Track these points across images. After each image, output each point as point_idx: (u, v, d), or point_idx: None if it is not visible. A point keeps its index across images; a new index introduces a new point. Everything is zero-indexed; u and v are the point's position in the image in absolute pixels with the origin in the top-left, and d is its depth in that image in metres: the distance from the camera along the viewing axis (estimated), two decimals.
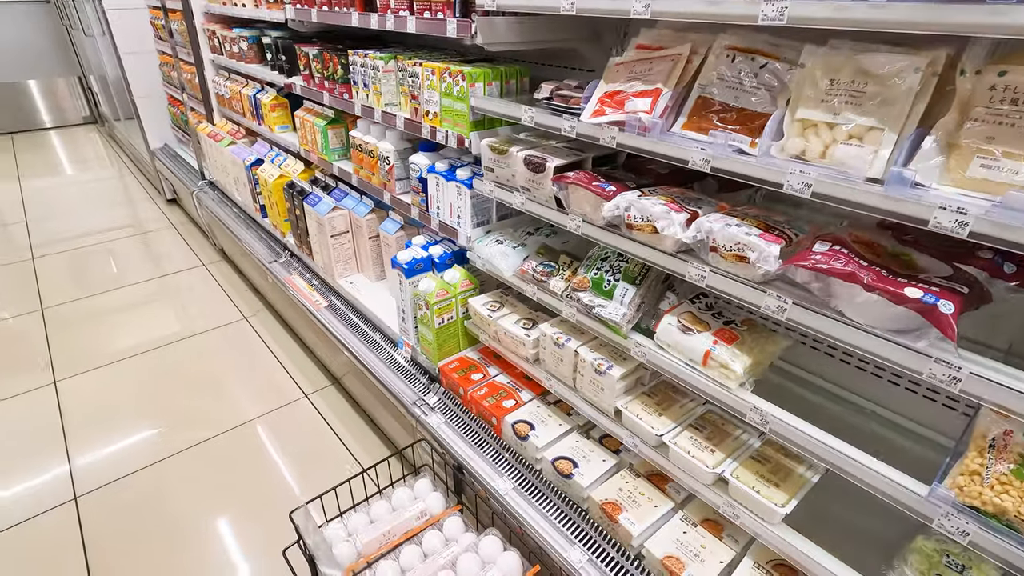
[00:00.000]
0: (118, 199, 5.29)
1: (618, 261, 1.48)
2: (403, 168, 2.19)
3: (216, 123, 3.81)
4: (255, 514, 2.14)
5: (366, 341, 2.32)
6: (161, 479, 2.30)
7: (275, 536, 2.01)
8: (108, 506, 2.18)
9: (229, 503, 2.19)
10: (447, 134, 1.79)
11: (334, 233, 2.49)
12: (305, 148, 2.75)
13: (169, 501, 2.20)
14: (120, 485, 2.27)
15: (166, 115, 4.92)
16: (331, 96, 2.37)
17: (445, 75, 1.74)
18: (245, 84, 3.35)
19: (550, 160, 1.47)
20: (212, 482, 2.28)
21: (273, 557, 1.93)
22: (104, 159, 6.47)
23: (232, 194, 3.62)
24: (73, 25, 6.16)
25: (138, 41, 4.54)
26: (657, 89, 1.25)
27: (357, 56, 2.11)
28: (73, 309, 3.50)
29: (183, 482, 2.28)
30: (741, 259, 1.13)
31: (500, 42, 1.66)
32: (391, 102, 2.08)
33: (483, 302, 1.90)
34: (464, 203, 1.85)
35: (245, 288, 3.73)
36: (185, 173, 4.38)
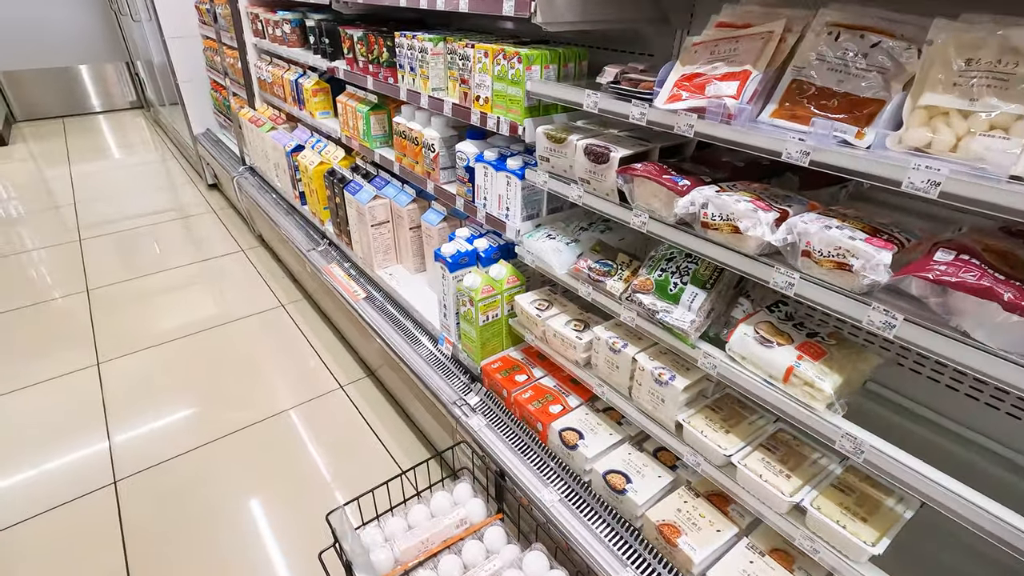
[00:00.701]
0: (161, 183, 5.35)
1: (686, 262, 1.35)
2: (449, 157, 2.08)
3: (257, 108, 3.77)
4: (290, 507, 2.09)
5: (405, 335, 2.24)
6: (198, 466, 2.27)
7: (309, 532, 1.95)
8: (146, 491, 2.16)
9: (264, 495, 2.14)
10: (499, 121, 1.67)
11: (374, 223, 2.41)
12: (346, 134, 2.67)
13: (205, 489, 2.17)
14: (158, 471, 2.25)
15: (209, 100, 4.92)
16: (375, 80, 2.28)
17: (499, 57, 1.62)
18: (287, 69, 3.29)
19: (614, 150, 1.34)
20: (247, 472, 2.24)
21: (306, 555, 1.87)
22: (149, 144, 6.56)
23: (272, 180, 3.58)
24: (121, 11, 6.24)
25: (183, 25, 4.54)
26: (745, 71, 1.10)
27: (404, 38, 2.00)
28: (117, 291, 3.53)
29: (219, 470, 2.25)
30: (841, 266, 0.98)
31: (560, 21, 1.53)
32: (439, 87, 1.97)
33: (531, 300, 1.79)
34: (514, 195, 1.74)
35: (283, 275, 3.71)
36: (226, 158, 4.37)
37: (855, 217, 1.04)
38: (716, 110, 1.11)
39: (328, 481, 2.21)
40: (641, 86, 1.29)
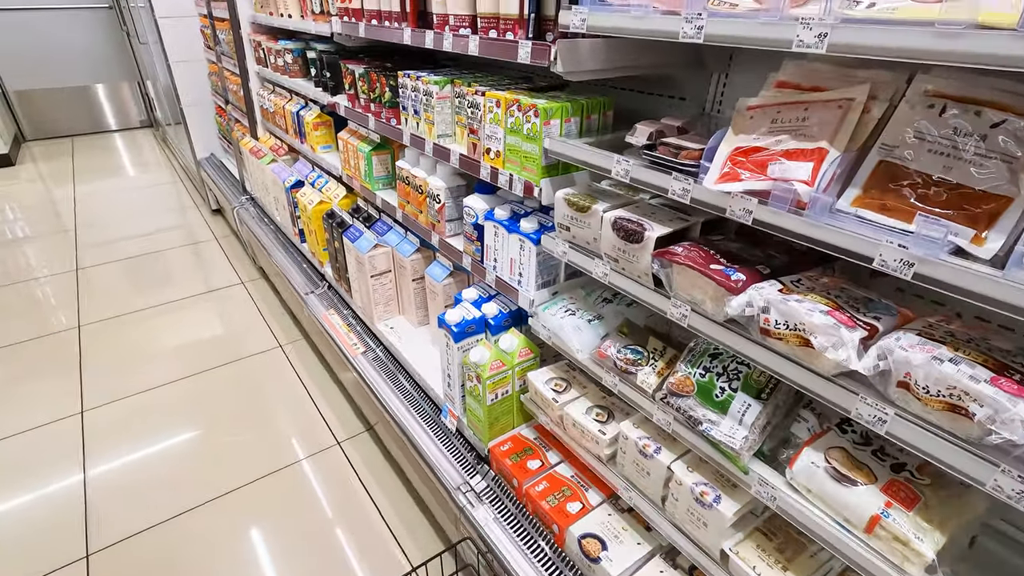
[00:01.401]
0: (165, 207, 5.20)
1: (735, 363, 1.12)
2: (455, 208, 1.88)
3: (260, 137, 3.60)
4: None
5: (406, 400, 2.02)
6: (177, 540, 2.05)
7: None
8: (120, 568, 1.95)
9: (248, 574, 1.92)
10: (511, 179, 1.46)
11: (375, 273, 2.20)
12: (348, 173, 2.47)
13: (182, 568, 1.95)
14: (134, 543, 2.04)
15: (213, 125, 4.78)
16: (377, 121, 2.08)
17: (513, 109, 1.41)
18: (289, 99, 3.11)
19: (649, 228, 1.12)
20: (231, 550, 2.03)
21: None
22: (156, 164, 6.44)
23: (272, 213, 3.40)
24: (132, 32, 6.16)
25: (188, 50, 4.41)
26: (820, 150, 0.88)
27: (408, 79, 1.81)
28: (109, 328, 3.35)
29: (198, 546, 2.03)
30: (955, 409, 0.75)
31: (583, 70, 1.32)
32: (445, 133, 1.77)
33: (545, 379, 1.57)
34: (528, 260, 1.52)
35: (282, 312, 3.51)
36: (228, 185, 4.21)
37: (969, 341, 0.81)
38: (783, 196, 0.88)
39: (322, 555, 1.98)
40: (682, 155, 1.07)
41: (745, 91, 1.48)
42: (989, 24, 0.66)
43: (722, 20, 0.91)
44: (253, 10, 3.27)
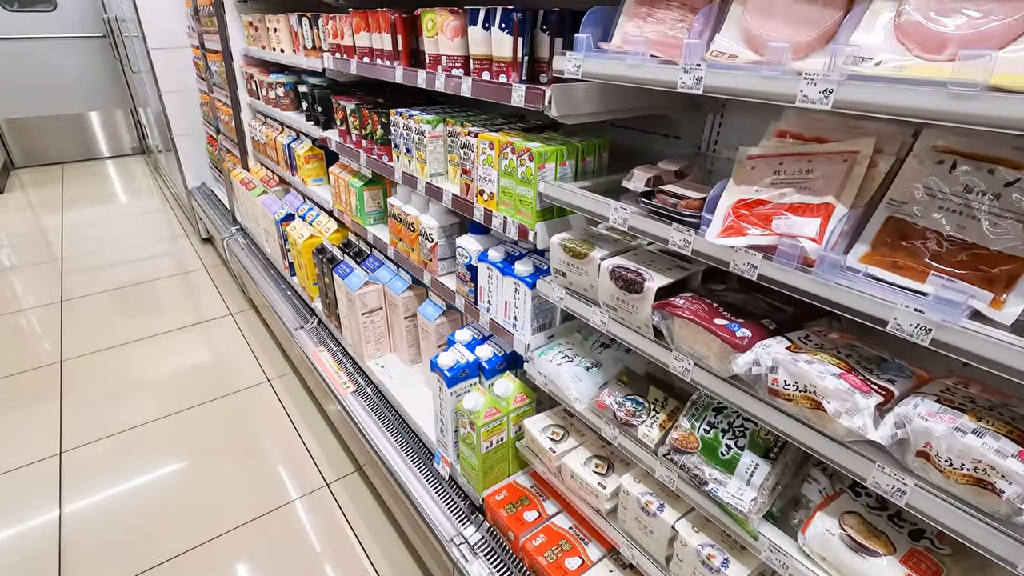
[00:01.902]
0: (154, 235, 5.13)
1: (740, 419, 1.07)
2: (448, 247, 1.83)
3: (251, 168, 3.57)
4: None
5: (396, 443, 1.95)
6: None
7: None
8: None
9: None
10: (506, 221, 1.42)
11: (365, 311, 2.15)
12: (339, 208, 2.43)
13: None
14: None
15: (205, 154, 4.75)
16: (368, 157, 2.05)
17: (507, 151, 1.38)
18: (280, 131, 3.09)
19: (649, 278, 1.08)
20: None
21: None
22: (146, 192, 6.39)
23: (262, 245, 3.35)
24: (125, 61, 6.16)
25: (180, 80, 4.40)
26: (827, 205, 0.85)
27: (400, 117, 1.78)
28: (93, 363, 3.25)
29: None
30: (981, 484, 0.71)
31: (578, 113, 1.29)
32: (438, 171, 1.74)
33: (542, 426, 1.51)
34: (523, 304, 1.47)
35: (272, 345, 3.43)
36: (219, 216, 4.16)
37: (991, 409, 0.76)
38: (790, 253, 0.85)
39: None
40: (682, 205, 1.04)
41: (741, 132, 1.47)
42: (1004, 87, 0.63)
43: (722, 72, 0.89)
44: (246, 43, 3.26)
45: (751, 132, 1.45)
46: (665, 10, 1.03)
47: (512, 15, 1.30)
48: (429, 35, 1.59)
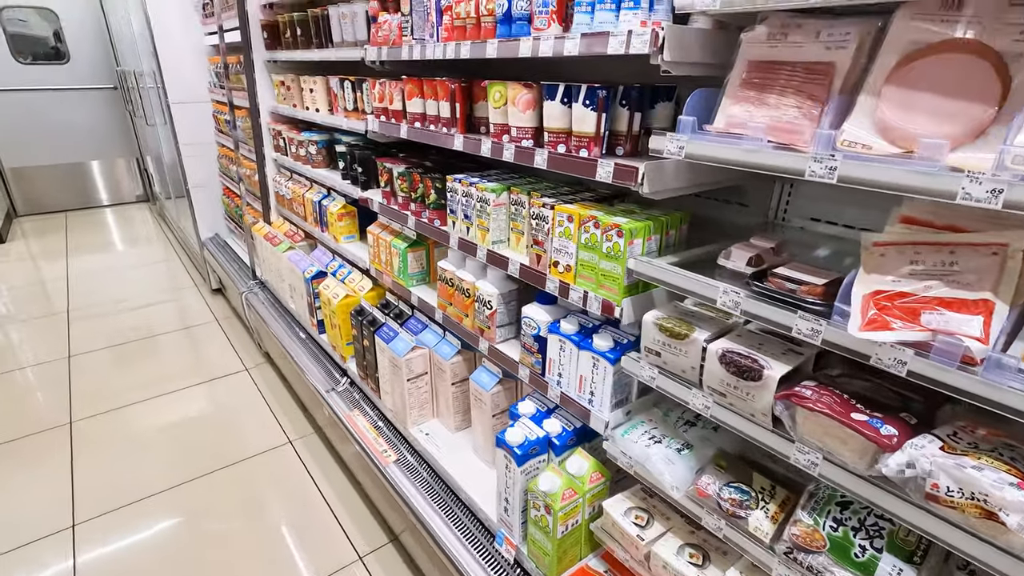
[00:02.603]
0: (163, 286, 5.02)
1: (872, 516, 1.00)
2: (507, 314, 1.78)
3: (273, 222, 3.53)
4: None
5: (449, 520, 1.83)
6: None
7: None
8: None
9: None
10: (586, 296, 1.38)
11: (411, 376, 2.07)
12: (377, 268, 2.38)
13: None
14: None
15: (219, 205, 4.71)
16: (418, 221, 2.01)
17: (588, 225, 1.34)
18: (309, 187, 3.06)
19: (768, 366, 1.03)
20: None
21: None
22: (152, 240, 6.31)
23: (285, 301, 3.27)
24: (136, 113, 6.18)
25: (198, 133, 4.40)
26: (985, 302, 0.81)
27: (459, 184, 1.75)
28: (104, 424, 3.10)
29: None
30: None
31: (665, 189, 1.27)
32: (499, 239, 1.70)
33: (624, 509, 1.42)
34: (602, 380, 1.41)
35: (291, 403, 3.31)
36: (235, 268, 4.09)
37: None
38: (951, 351, 0.80)
39: None
40: (802, 291, 1.00)
41: (812, 204, 1.45)
42: None
43: (860, 163, 0.86)
44: (275, 101, 3.27)
45: (824, 204, 1.43)
46: (779, 96, 1.01)
47: (597, 92, 1.29)
48: (495, 106, 1.58)
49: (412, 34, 1.89)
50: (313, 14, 2.54)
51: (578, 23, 1.30)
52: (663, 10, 1.21)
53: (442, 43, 1.72)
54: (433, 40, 1.79)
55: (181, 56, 4.16)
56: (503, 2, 1.47)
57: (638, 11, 1.18)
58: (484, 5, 1.54)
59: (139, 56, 4.99)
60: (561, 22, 1.38)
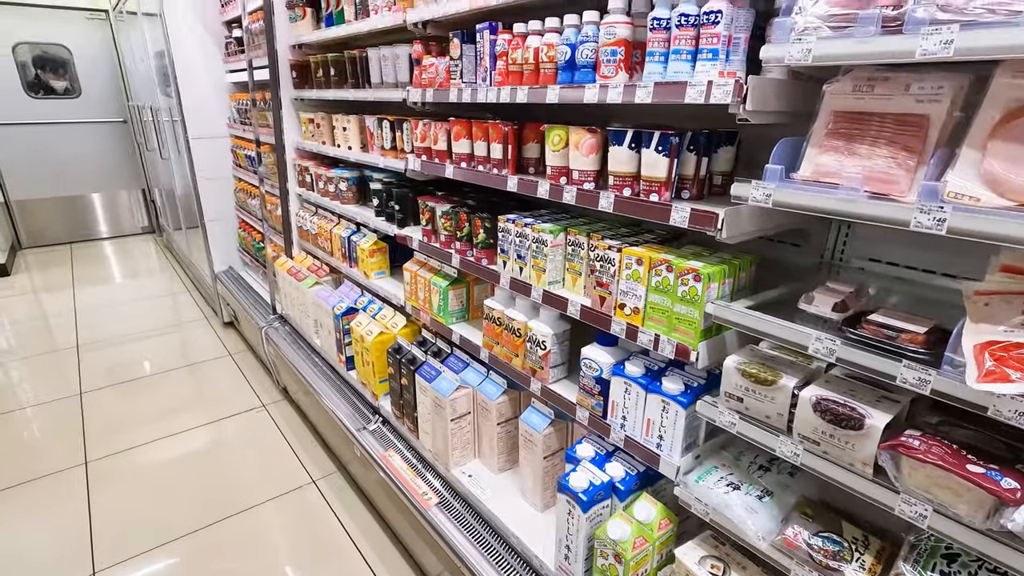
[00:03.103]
0: (173, 320, 4.96)
1: (984, 570, 0.98)
2: (560, 353, 1.76)
3: (295, 256, 3.51)
4: None
5: (500, 567, 1.77)
6: None
7: None
8: None
9: None
10: (657, 339, 1.37)
11: (455, 416, 2.03)
12: (413, 305, 2.36)
13: None
14: None
15: (234, 239, 4.69)
16: (463, 259, 2.01)
17: (661, 269, 1.34)
18: (336, 223, 3.06)
19: (868, 415, 1.02)
20: None
21: None
22: (159, 272, 6.25)
23: (309, 336, 3.23)
24: (148, 146, 6.20)
25: (215, 167, 4.42)
26: None
27: (512, 224, 1.75)
28: (118, 465, 3.01)
29: None
30: None
31: (740, 233, 1.28)
32: (555, 279, 1.69)
33: (698, 558, 1.38)
34: (673, 424, 1.39)
35: (312, 440, 3.23)
36: (251, 302, 4.04)
37: None
38: None
39: None
40: (903, 339, 0.99)
41: (871, 245, 1.46)
42: None
43: (971, 216, 0.87)
44: (301, 138, 3.29)
45: (885, 245, 1.44)
46: (871, 146, 1.03)
47: (670, 139, 1.30)
48: (554, 149, 1.59)
49: (461, 77, 1.91)
50: (350, 55, 2.57)
51: (649, 72, 1.32)
52: (738, 61, 1.24)
53: (496, 87, 1.75)
54: (486, 84, 1.81)
55: (201, 93, 4.21)
56: (565, 50, 1.50)
57: (716, 62, 1.20)
58: (545, 52, 1.56)
59: (155, 92, 5.04)
60: (628, 70, 1.40)
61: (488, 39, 1.76)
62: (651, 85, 1.29)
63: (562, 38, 1.52)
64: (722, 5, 1.17)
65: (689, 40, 1.24)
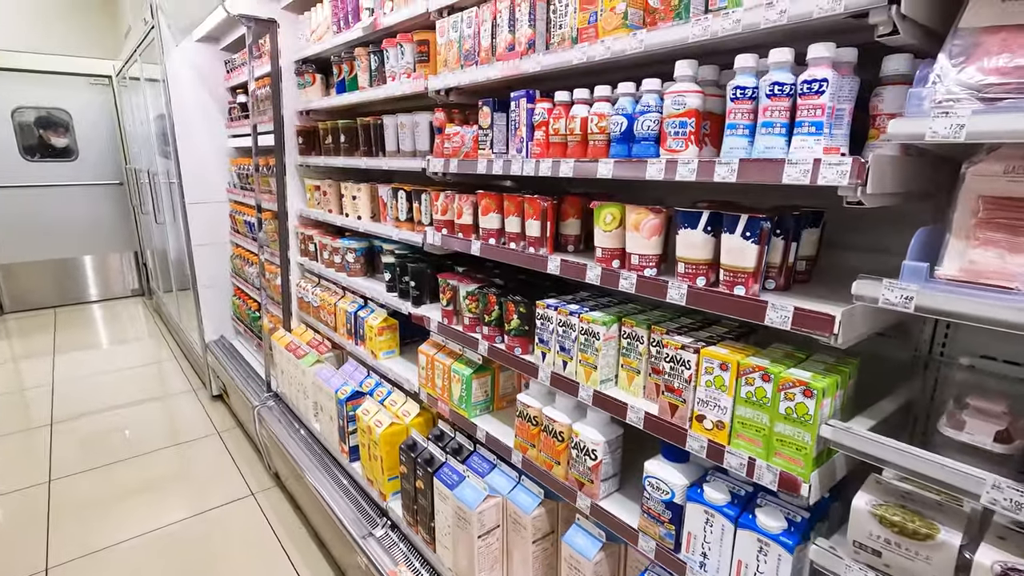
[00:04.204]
0: (157, 391, 4.60)
1: None
2: (612, 464, 1.48)
3: (294, 329, 3.24)
4: None
5: None
6: None
7: None
8: None
9: None
10: (753, 464, 1.10)
11: (482, 532, 1.71)
12: (430, 393, 2.08)
13: None
14: None
15: (228, 306, 4.43)
16: (491, 347, 1.76)
17: (754, 378, 1.09)
18: (341, 296, 2.81)
19: None
20: None
21: None
22: (147, 338, 5.92)
23: (307, 420, 2.91)
24: (143, 210, 6.02)
25: (212, 233, 4.21)
26: None
27: (553, 311, 1.51)
28: (81, 572, 2.60)
29: None
30: None
31: (855, 336, 1.04)
32: (607, 377, 1.44)
33: None
34: (775, 571, 1.10)
35: (306, 537, 2.85)
36: (243, 376, 3.73)
37: None
38: None
39: None
40: None
41: (979, 339, 1.24)
42: None
43: None
44: (305, 205, 3.10)
45: (998, 340, 1.21)
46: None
47: (760, 224, 1.09)
48: (606, 229, 1.38)
49: (491, 147, 1.73)
50: (363, 122, 2.41)
51: (730, 147, 1.13)
52: (841, 135, 1.05)
53: (533, 159, 1.55)
54: (521, 155, 1.62)
55: (201, 158, 4.05)
56: (621, 120, 1.32)
57: (820, 136, 1.01)
58: (595, 123, 1.38)
59: (154, 155, 4.90)
60: (699, 144, 1.21)
61: (524, 108, 1.58)
62: (735, 162, 1.09)
63: (615, 108, 1.34)
64: (827, 73, 0.99)
65: (783, 112, 1.05)
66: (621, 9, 1.29)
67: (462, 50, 1.80)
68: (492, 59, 1.69)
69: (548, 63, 1.49)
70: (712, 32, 1.12)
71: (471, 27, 1.75)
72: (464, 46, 1.79)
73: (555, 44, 1.51)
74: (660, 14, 1.23)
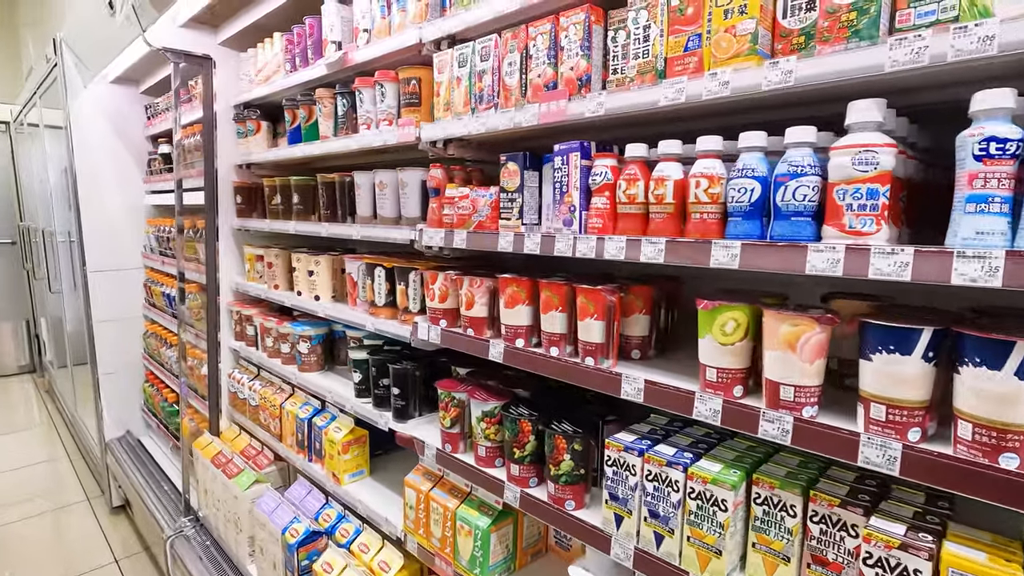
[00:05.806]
0: (44, 501, 3.57)
1: None
2: None
3: (223, 433, 2.51)
4: None
5: None
6: None
7: None
8: None
9: None
10: None
11: None
12: (423, 544, 1.48)
13: None
14: None
15: (138, 394, 3.57)
16: (526, 496, 1.21)
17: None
18: (289, 394, 2.17)
19: None
20: None
21: None
22: (36, 427, 4.79)
23: (239, 559, 2.17)
24: (36, 275, 5.03)
25: (120, 307, 3.41)
26: None
27: (637, 458, 1.00)
28: None
29: None
30: None
31: None
32: (733, 566, 0.93)
33: None
34: None
35: None
36: (153, 486, 2.90)
37: None
38: None
39: None
40: None
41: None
42: None
43: None
44: (243, 279, 2.47)
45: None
46: None
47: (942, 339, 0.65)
48: (723, 341, 0.91)
49: (521, 217, 1.24)
50: (326, 180, 1.87)
51: (975, 231, 0.70)
52: None
53: (591, 235, 1.08)
54: (570, 230, 1.14)
55: (110, 217, 3.32)
56: (749, 184, 0.87)
57: None
58: (701, 188, 0.93)
59: (52, 213, 4.05)
60: (896, 222, 0.78)
61: (577, 165, 1.12)
62: (994, 255, 0.66)
63: (739, 168, 0.90)
64: None
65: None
66: (748, 29, 0.87)
67: (473, 90, 1.34)
68: (523, 101, 1.23)
69: (616, 105, 1.05)
70: (922, 59, 0.72)
71: (488, 60, 1.29)
72: (476, 85, 1.33)
73: (617, 80, 1.07)
74: (825, 34, 0.81)
